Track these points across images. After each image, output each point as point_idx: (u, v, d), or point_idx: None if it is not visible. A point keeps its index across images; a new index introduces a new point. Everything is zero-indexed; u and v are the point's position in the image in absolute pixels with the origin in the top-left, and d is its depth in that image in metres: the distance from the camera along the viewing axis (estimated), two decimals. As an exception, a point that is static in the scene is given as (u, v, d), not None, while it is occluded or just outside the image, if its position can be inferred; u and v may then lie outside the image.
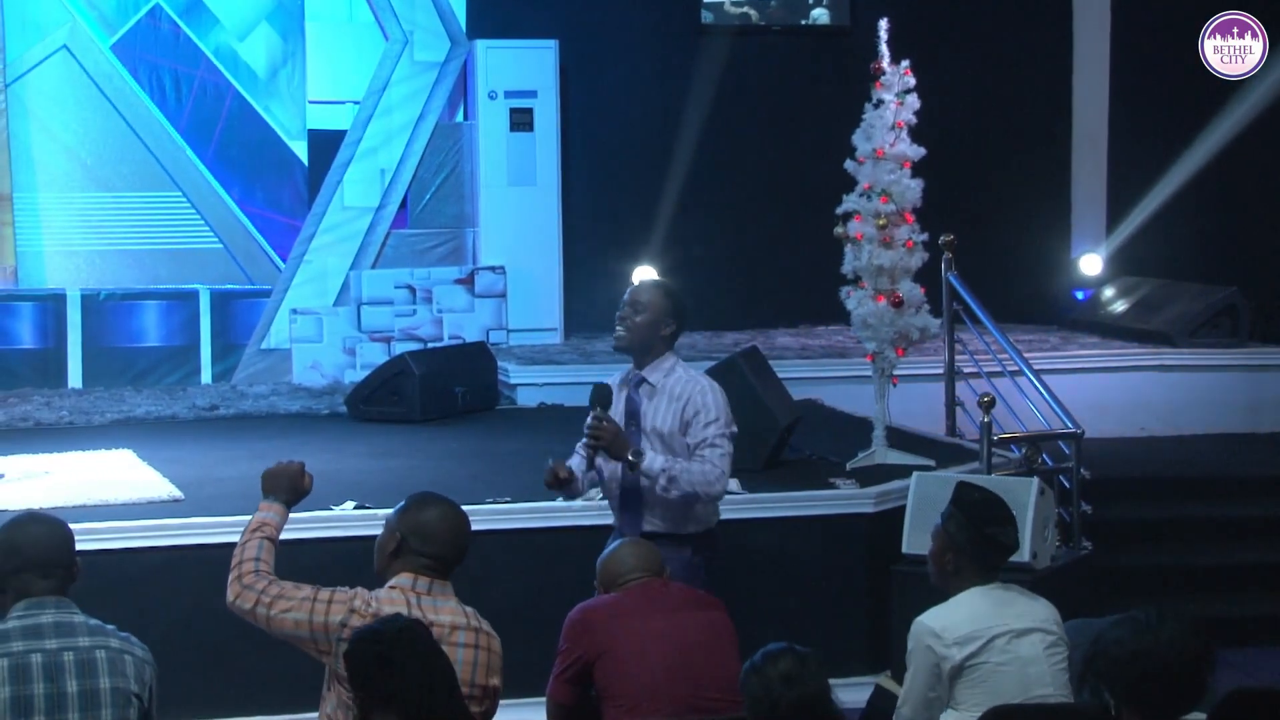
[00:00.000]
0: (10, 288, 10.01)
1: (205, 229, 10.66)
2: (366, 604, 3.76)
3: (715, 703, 4.21)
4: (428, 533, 3.84)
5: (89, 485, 6.86)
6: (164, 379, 10.18)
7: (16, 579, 3.54)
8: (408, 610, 3.73)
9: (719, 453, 4.75)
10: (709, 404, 4.77)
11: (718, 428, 4.77)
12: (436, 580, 3.84)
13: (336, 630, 3.71)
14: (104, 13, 10.43)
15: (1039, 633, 4.23)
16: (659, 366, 4.86)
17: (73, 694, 3.42)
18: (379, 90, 10.50)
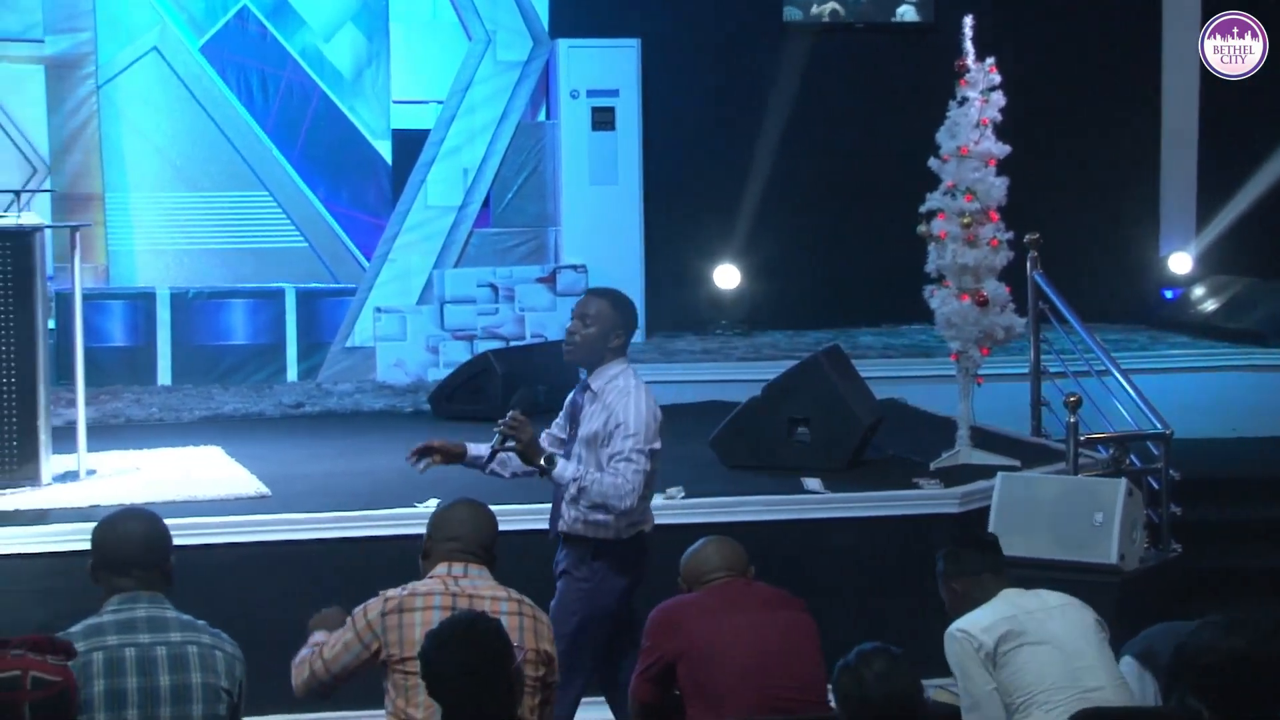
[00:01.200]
0: (101, 286, 10.18)
1: (291, 228, 10.77)
2: (402, 588, 3.92)
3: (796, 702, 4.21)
4: (446, 524, 4.05)
5: (178, 481, 6.96)
6: (251, 377, 10.30)
7: (111, 574, 3.60)
8: (444, 589, 3.88)
9: (632, 468, 4.70)
10: (630, 419, 4.74)
11: (635, 442, 4.73)
12: (472, 564, 3.98)
13: (379, 621, 3.85)
14: (193, 15, 10.58)
15: (1072, 608, 4.23)
16: (604, 373, 4.87)
17: (165, 688, 3.46)
18: (462, 90, 10.57)
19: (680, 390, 9.42)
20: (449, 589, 3.90)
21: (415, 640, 3.78)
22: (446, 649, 3.28)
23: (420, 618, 3.84)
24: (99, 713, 3.39)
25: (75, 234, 7.24)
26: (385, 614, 3.86)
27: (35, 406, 6.72)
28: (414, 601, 3.87)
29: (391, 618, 3.84)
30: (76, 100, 10.24)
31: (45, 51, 10.18)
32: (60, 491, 6.74)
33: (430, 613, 3.84)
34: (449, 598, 3.88)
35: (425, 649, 3.34)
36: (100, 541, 3.66)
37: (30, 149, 10.08)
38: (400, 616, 3.85)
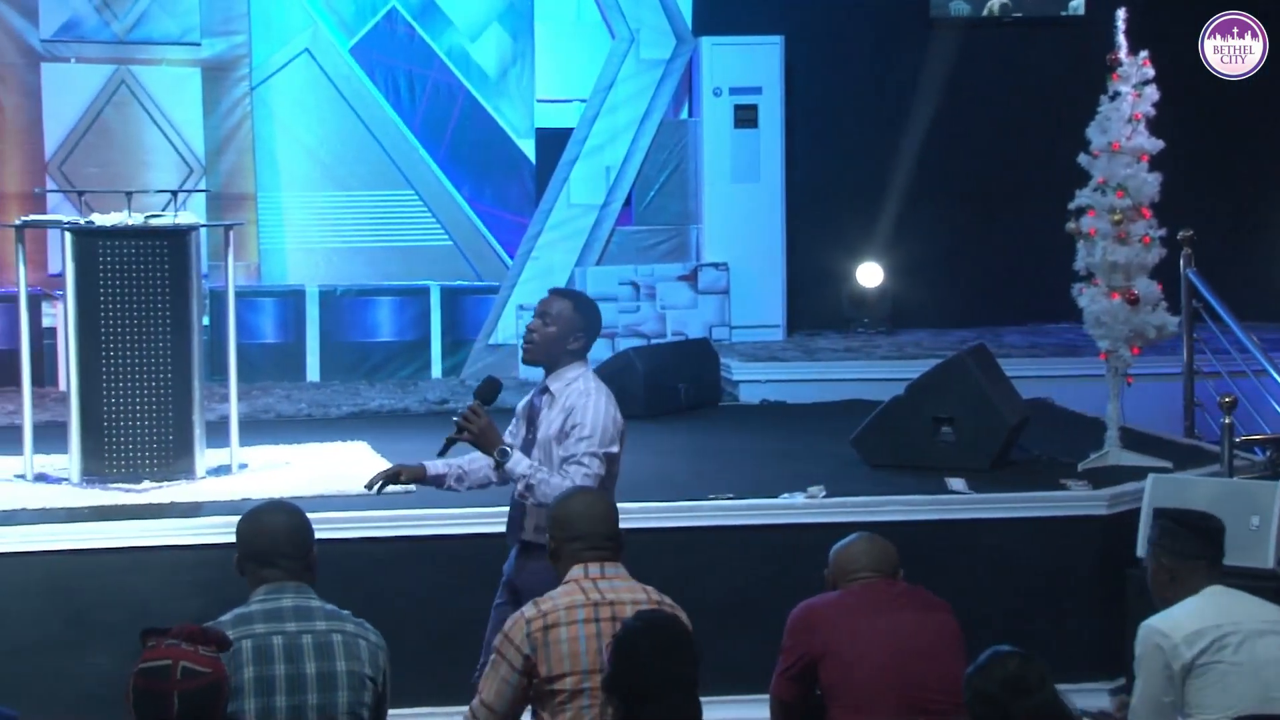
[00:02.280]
0: (253, 284, 10.39)
1: (436, 227, 10.91)
2: (536, 605, 3.84)
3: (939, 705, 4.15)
4: (566, 522, 3.96)
5: (327, 476, 7.07)
6: (396, 373, 10.45)
7: (258, 565, 3.67)
8: (585, 599, 3.81)
9: (581, 471, 4.53)
10: (587, 420, 4.59)
11: (589, 445, 4.57)
12: (606, 563, 3.92)
13: (526, 642, 3.78)
14: (343, 17, 10.77)
15: (1275, 636, 4.07)
16: (563, 376, 4.73)
17: (311, 675, 3.51)
18: (605, 88, 10.61)
19: (822, 389, 9.36)
20: (589, 598, 3.84)
21: (563, 656, 3.76)
22: (642, 658, 3.21)
23: (566, 633, 3.79)
24: (248, 699, 3.45)
25: (229, 233, 7.40)
26: (531, 634, 3.79)
27: (190, 402, 6.88)
28: (558, 616, 3.81)
29: (538, 635, 3.78)
30: (231, 102, 10.48)
31: (202, 54, 10.43)
32: (213, 485, 6.89)
33: (575, 627, 3.80)
34: (591, 608, 3.83)
35: (620, 664, 3.26)
36: (246, 534, 3.73)
37: (187, 150, 10.34)
38: (547, 634, 3.79)
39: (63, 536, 6.05)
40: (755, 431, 8.47)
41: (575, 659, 3.76)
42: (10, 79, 10.18)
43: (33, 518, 6.26)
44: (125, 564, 5.98)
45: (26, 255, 7.14)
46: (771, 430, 8.52)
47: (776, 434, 8.37)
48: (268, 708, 3.46)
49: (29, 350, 7.11)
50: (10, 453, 7.18)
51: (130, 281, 6.76)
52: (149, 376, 6.79)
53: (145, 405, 6.79)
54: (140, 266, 6.78)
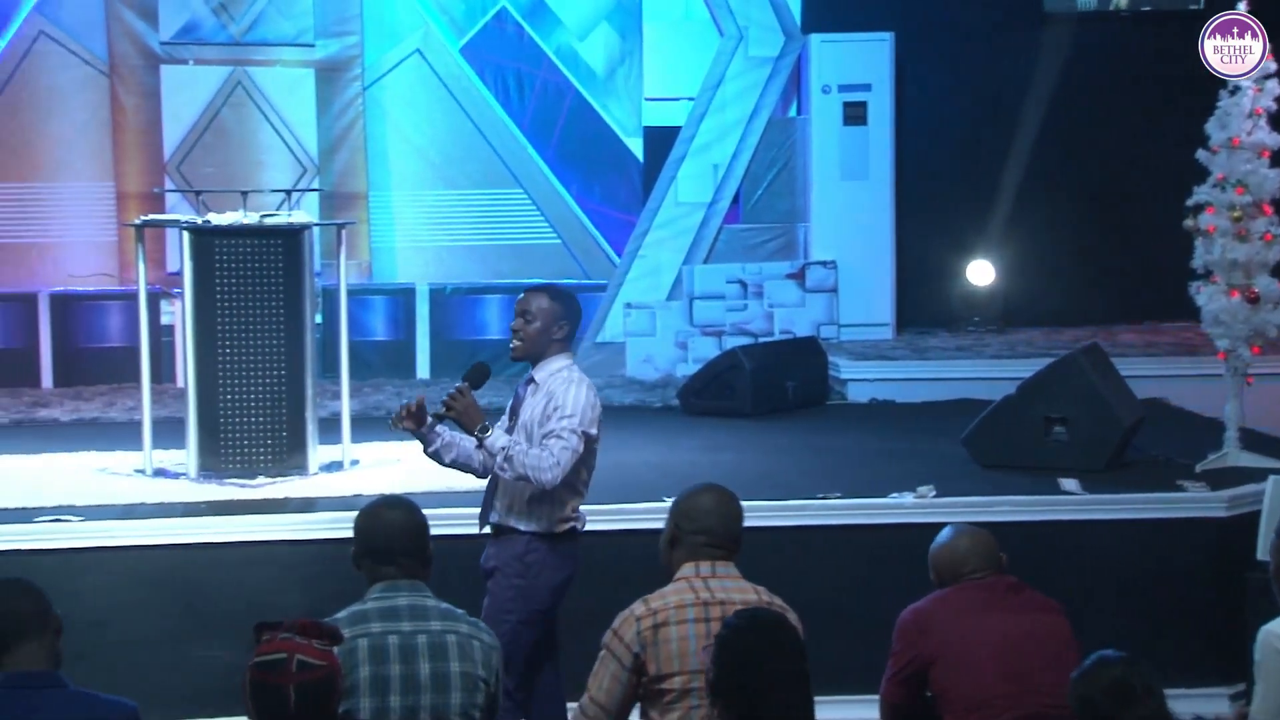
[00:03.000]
0: (365, 282, 10.52)
1: (544, 225, 10.96)
2: (646, 603, 3.82)
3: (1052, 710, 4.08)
4: (696, 514, 3.93)
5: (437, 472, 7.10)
6: (504, 370, 10.50)
7: (375, 562, 3.68)
8: (696, 598, 3.79)
9: (560, 444, 4.69)
10: (568, 400, 4.75)
11: (569, 422, 4.72)
12: (719, 563, 3.89)
13: (636, 640, 3.76)
14: (454, 17, 10.86)
15: None
16: (547, 366, 4.89)
17: (425, 675, 3.53)
18: (713, 86, 10.59)
19: (932, 388, 9.27)
20: (700, 596, 3.81)
21: (673, 655, 3.73)
22: (745, 658, 3.18)
23: (676, 632, 3.76)
24: (364, 698, 3.47)
25: (341, 231, 7.49)
26: (641, 632, 3.76)
27: (303, 398, 6.97)
28: (668, 615, 3.78)
29: (648, 634, 3.75)
30: (344, 102, 10.61)
31: (315, 55, 10.58)
32: (326, 481, 6.97)
33: (685, 626, 3.76)
34: (701, 607, 3.80)
35: (723, 664, 3.23)
36: (364, 530, 3.74)
37: (300, 149, 10.48)
38: (657, 633, 3.76)
39: (180, 530, 6.16)
40: (863, 430, 8.40)
41: (684, 658, 3.74)
42: (130, 81, 10.39)
43: (151, 512, 6.38)
44: (240, 558, 6.08)
45: (146, 254, 7.28)
46: (880, 429, 8.45)
47: (885, 433, 8.30)
48: (382, 707, 3.48)
49: (148, 347, 7.25)
50: (131, 448, 7.33)
51: (245, 280, 6.87)
52: (263, 373, 6.89)
53: (260, 402, 6.89)
54: (255, 265, 6.88)
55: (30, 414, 9.00)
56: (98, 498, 6.51)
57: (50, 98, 10.35)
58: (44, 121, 10.36)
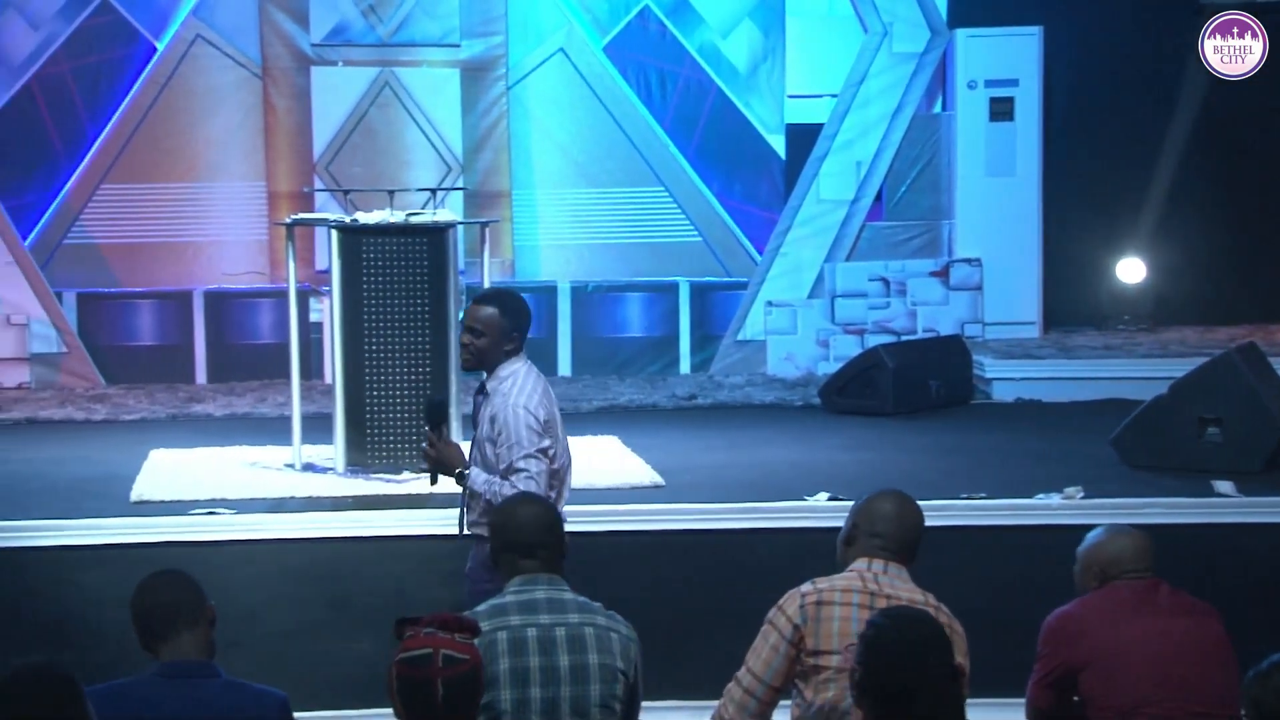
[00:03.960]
0: (508, 279, 10.61)
1: (686, 223, 10.97)
2: (813, 582, 3.83)
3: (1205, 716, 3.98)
4: (876, 517, 3.93)
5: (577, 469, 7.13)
6: (645, 368, 10.54)
7: (510, 556, 3.73)
8: (863, 586, 3.79)
9: (524, 475, 4.72)
10: (509, 427, 4.76)
11: (519, 450, 4.74)
12: (892, 563, 3.87)
13: (799, 613, 3.77)
14: (597, 16, 10.91)
15: None
16: (497, 374, 4.91)
17: (564, 668, 3.56)
18: (856, 83, 10.51)
19: (1079, 388, 9.12)
20: (867, 586, 3.81)
21: (832, 634, 3.74)
22: (889, 657, 3.14)
23: (839, 612, 3.77)
24: (504, 690, 3.51)
25: (485, 230, 7.57)
26: (804, 606, 3.79)
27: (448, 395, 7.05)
28: (833, 596, 3.80)
29: (810, 609, 3.78)
30: (488, 101, 10.72)
31: (461, 56, 10.70)
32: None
33: (849, 609, 3.77)
34: (866, 595, 3.79)
35: (868, 662, 3.18)
36: (501, 525, 3.78)
37: (446, 149, 10.62)
38: (819, 609, 3.78)
39: (327, 524, 6.28)
40: (1009, 430, 8.29)
41: (844, 638, 3.74)
42: (282, 82, 10.61)
43: (300, 505, 6.51)
44: (385, 552, 6.17)
45: (296, 252, 7.42)
46: (1026, 429, 8.33)
47: (1031, 433, 8.18)
48: (523, 699, 3.52)
49: (297, 344, 7.39)
50: (280, 443, 7.48)
51: (391, 277, 6.97)
52: (409, 370, 6.99)
53: (405, 398, 6.99)
54: (401, 263, 6.99)
55: (185, 409, 9.24)
56: (249, 491, 6.66)
57: (205, 99, 10.61)
58: (199, 123, 10.62)
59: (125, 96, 10.51)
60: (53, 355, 10.00)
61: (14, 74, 10.38)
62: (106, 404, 9.34)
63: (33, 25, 10.40)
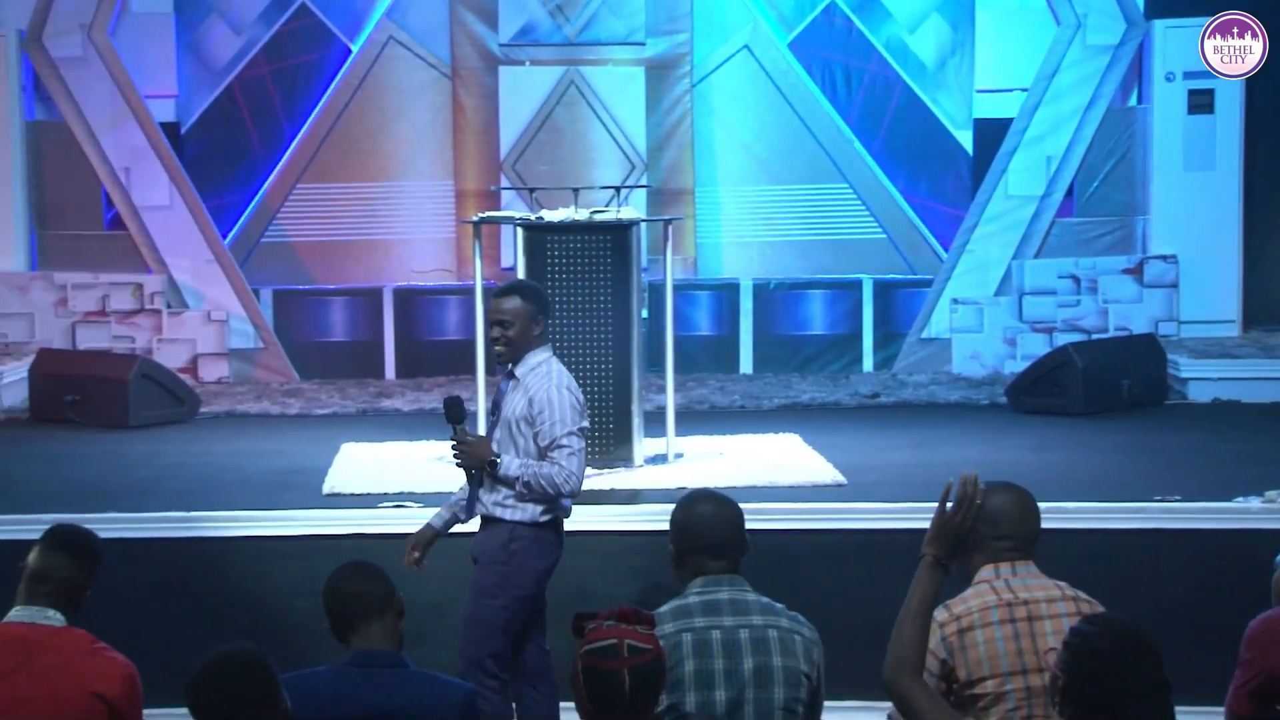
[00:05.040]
0: (690, 277, 10.64)
1: (870, 219, 10.87)
2: (948, 608, 3.68)
3: None
4: (999, 518, 3.75)
5: (759, 467, 7.15)
6: (827, 366, 10.47)
7: (694, 556, 3.70)
8: (998, 599, 3.65)
9: (566, 453, 4.91)
10: (553, 405, 4.93)
11: (564, 426, 4.92)
12: (1019, 562, 3.73)
13: (942, 646, 3.64)
14: (783, 12, 10.87)
15: None
16: (527, 362, 5.05)
17: (748, 670, 3.53)
18: (1048, 76, 10.29)
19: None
20: (1002, 598, 3.66)
21: (982, 659, 3.61)
22: (1098, 665, 3.04)
23: (983, 635, 3.63)
24: (689, 692, 3.50)
25: (668, 227, 7.59)
26: (946, 638, 3.64)
27: (630, 392, 7.10)
28: (972, 619, 3.65)
29: (953, 639, 3.64)
30: (672, 99, 10.76)
31: (646, 54, 10.75)
32: (651, 473, 7.08)
33: (991, 629, 3.63)
34: (1006, 608, 3.65)
35: (1075, 671, 3.07)
36: (685, 524, 3.74)
37: (630, 147, 10.67)
38: (962, 637, 3.64)
39: (512, 518, 6.34)
40: (1205, 431, 8.05)
41: (995, 661, 3.63)
42: (471, 82, 10.78)
43: (485, 499, 6.59)
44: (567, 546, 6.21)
45: (482, 250, 7.53)
46: (1223, 430, 8.08)
47: (1229, 434, 7.93)
48: (707, 701, 3.50)
49: (483, 341, 7.49)
50: (465, 436, 7.59)
51: (575, 274, 7.03)
52: (591, 367, 7.05)
53: (587, 394, 7.00)
54: (585, 260, 7.04)
55: (375, 404, 9.45)
56: (435, 485, 6.77)
57: (397, 100, 10.83)
58: (390, 123, 10.84)
59: (321, 98, 10.79)
60: (250, 351, 10.32)
61: (217, 77, 10.73)
62: (300, 398, 9.59)
63: (235, 30, 10.73)
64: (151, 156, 10.34)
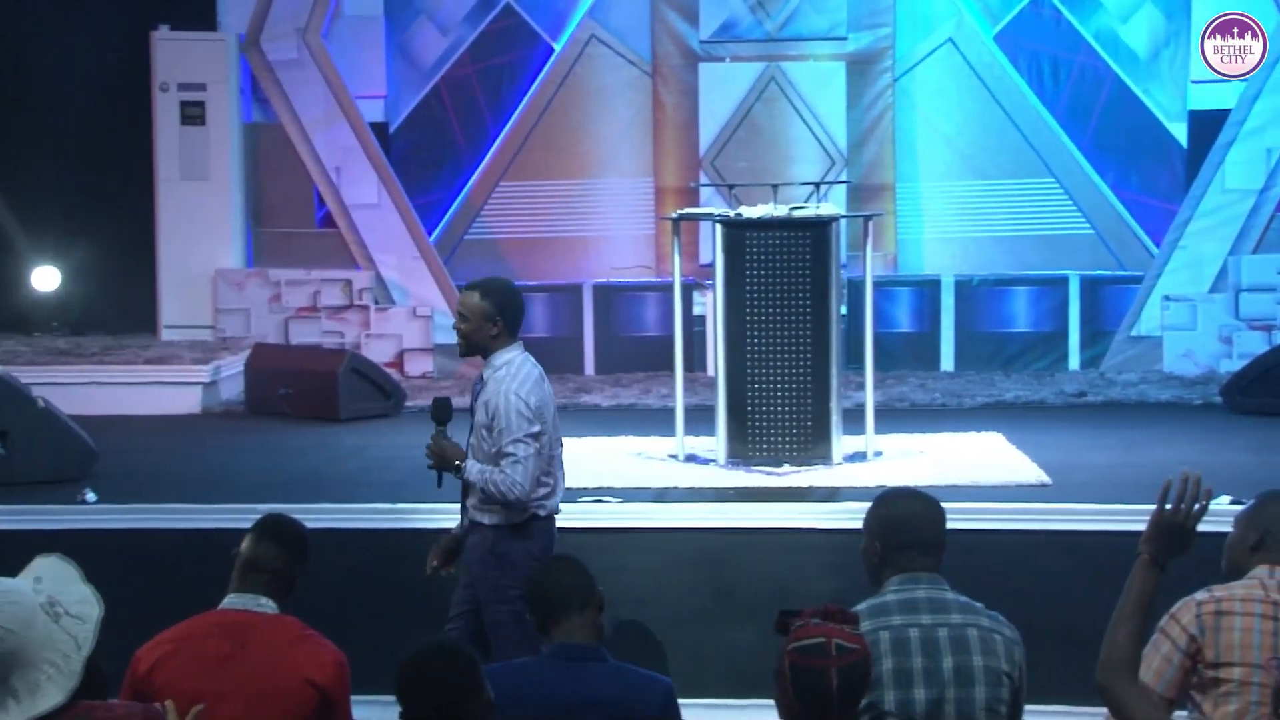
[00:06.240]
0: (890, 273, 10.53)
1: (1077, 214, 10.63)
2: (1210, 590, 3.63)
3: None
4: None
5: (961, 466, 7.05)
6: (1032, 364, 10.27)
7: (892, 553, 3.65)
8: (1264, 595, 3.58)
9: (510, 461, 4.92)
10: (500, 413, 4.94)
11: (509, 435, 4.92)
12: None
13: (1195, 623, 3.59)
14: (988, 4, 10.68)
15: None
16: (493, 363, 5.08)
17: (948, 670, 3.48)
18: (1270, 65, 9.91)
19: None
20: (1270, 596, 3.61)
21: (1234, 645, 3.56)
22: None
23: (1240, 623, 3.59)
24: (887, 690, 3.46)
25: (868, 223, 7.52)
26: (1201, 616, 3.61)
27: (828, 389, 7.06)
28: (1233, 605, 3.62)
29: (1209, 619, 3.60)
30: (874, 94, 10.65)
31: (847, 48, 10.67)
32: (849, 471, 7.03)
33: (1250, 619, 3.58)
34: (1270, 605, 3.60)
35: None
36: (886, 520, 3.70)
37: (830, 142, 10.61)
38: (1219, 619, 3.60)
39: (710, 515, 6.37)
40: None
41: (1247, 650, 3.55)
42: (671, 79, 10.82)
43: (683, 496, 6.64)
44: (765, 544, 6.22)
45: (681, 246, 7.56)
46: None
47: None
48: (906, 700, 3.47)
49: (681, 337, 7.53)
50: (664, 433, 7.64)
51: (774, 271, 7.02)
52: (790, 364, 7.02)
53: (786, 391, 7.03)
54: (784, 257, 7.03)
55: (574, 399, 9.55)
56: (634, 480, 6.83)
57: (597, 98, 10.93)
58: (591, 121, 10.95)
59: (524, 96, 10.94)
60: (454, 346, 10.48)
61: (424, 77, 10.96)
62: (502, 392, 9.74)
63: (442, 30, 10.95)
64: (361, 156, 10.62)
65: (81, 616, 2.83)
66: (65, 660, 2.78)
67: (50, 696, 2.76)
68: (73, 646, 2.80)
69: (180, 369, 9.40)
